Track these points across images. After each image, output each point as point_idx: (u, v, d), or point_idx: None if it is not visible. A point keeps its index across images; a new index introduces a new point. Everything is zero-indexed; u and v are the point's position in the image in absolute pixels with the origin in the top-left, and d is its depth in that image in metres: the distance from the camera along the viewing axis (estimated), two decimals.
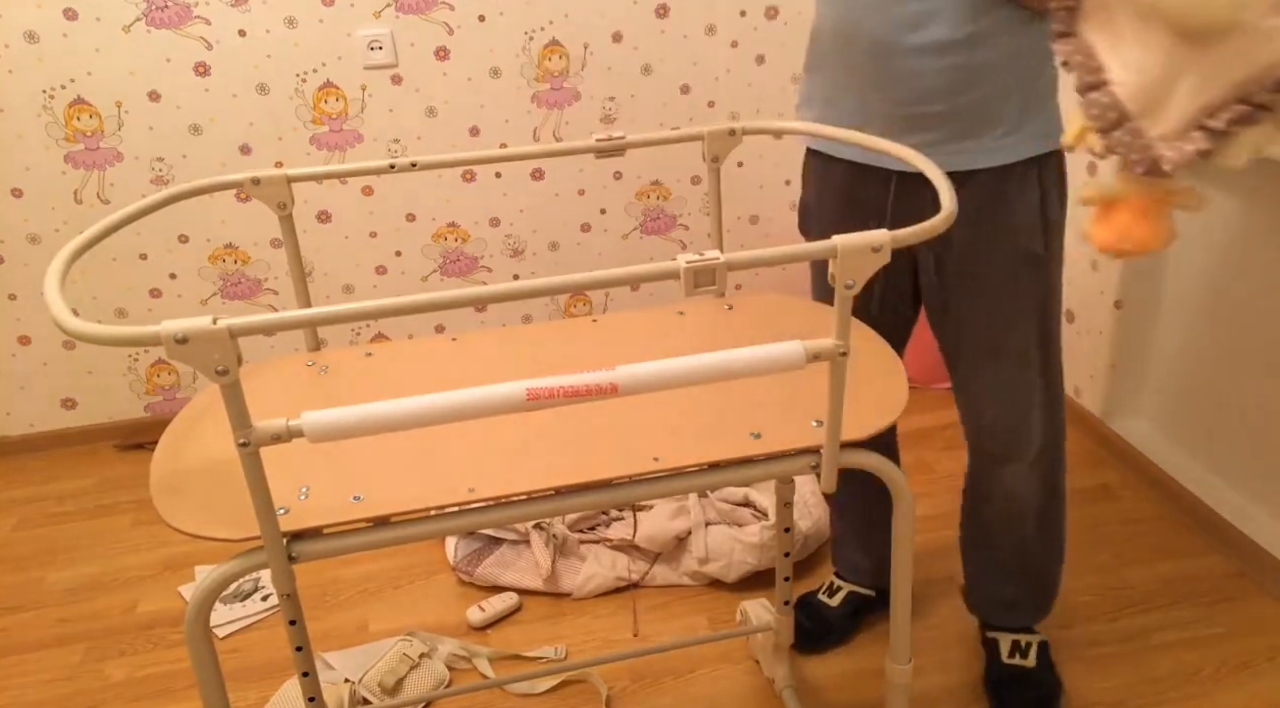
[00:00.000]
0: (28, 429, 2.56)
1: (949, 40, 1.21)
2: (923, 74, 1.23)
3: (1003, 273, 1.36)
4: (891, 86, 1.26)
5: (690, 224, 2.66)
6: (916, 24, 1.21)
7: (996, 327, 1.39)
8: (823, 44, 1.35)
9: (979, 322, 1.39)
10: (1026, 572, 1.58)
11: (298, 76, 2.32)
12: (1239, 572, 1.86)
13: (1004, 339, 1.39)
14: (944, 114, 1.26)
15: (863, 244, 0.88)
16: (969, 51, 1.21)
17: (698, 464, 1.04)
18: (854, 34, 1.27)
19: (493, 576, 1.93)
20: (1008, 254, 1.34)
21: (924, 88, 1.24)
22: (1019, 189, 1.32)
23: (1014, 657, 1.62)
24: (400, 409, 0.83)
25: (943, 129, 1.27)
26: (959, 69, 1.22)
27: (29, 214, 2.34)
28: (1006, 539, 1.55)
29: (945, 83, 1.23)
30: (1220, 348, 1.95)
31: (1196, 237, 1.97)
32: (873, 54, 1.25)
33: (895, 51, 1.23)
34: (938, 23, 1.20)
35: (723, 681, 1.69)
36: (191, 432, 1.13)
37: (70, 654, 1.85)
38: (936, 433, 2.37)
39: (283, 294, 2.54)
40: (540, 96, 2.44)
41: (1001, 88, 1.25)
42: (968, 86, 1.24)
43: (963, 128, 1.27)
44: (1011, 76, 1.25)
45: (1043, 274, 1.37)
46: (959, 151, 1.28)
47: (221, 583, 0.95)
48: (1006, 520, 1.53)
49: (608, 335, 1.31)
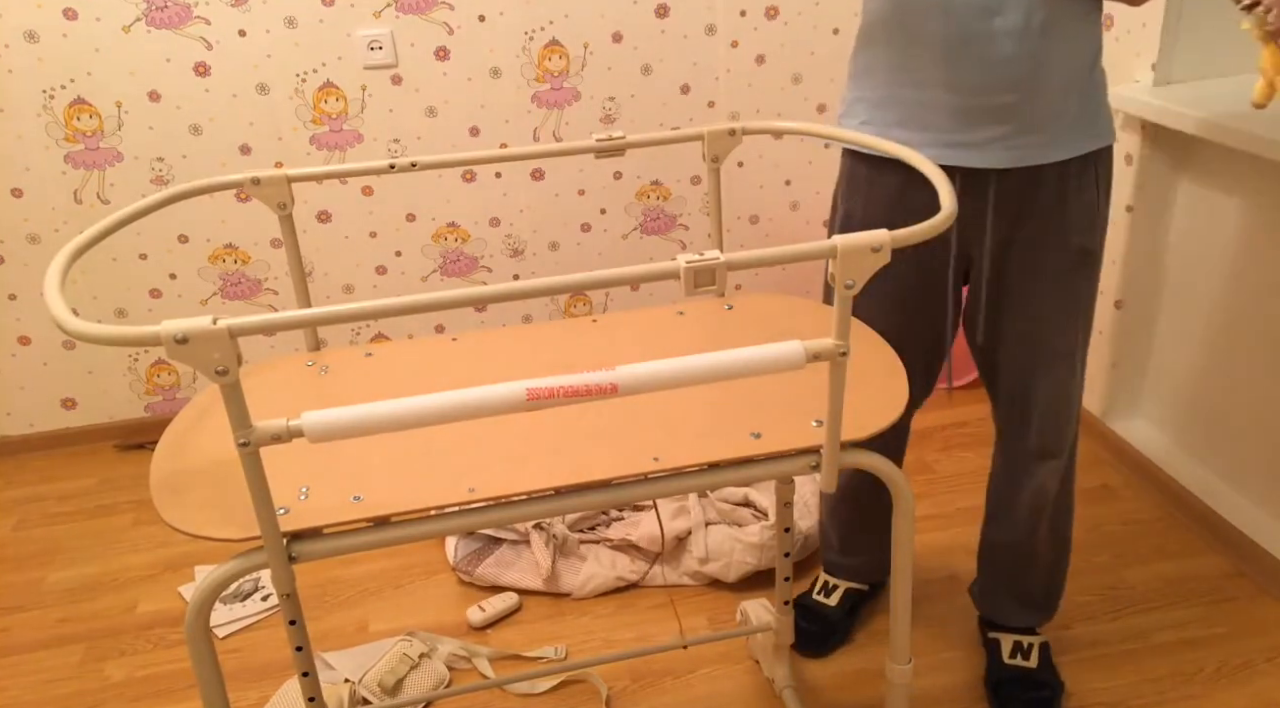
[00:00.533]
0: (28, 429, 2.56)
1: (1024, 27, 1.20)
2: (999, 61, 1.21)
3: (1061, 270, 1.35)
4: (966, 75, 1.24)
5: (690, 224, 2.66)
6: (996, 9, 1.19)
7: (1054, 325, 1.39)
8: (875, 44, 1.32)
9: (1038, 319, 1.38)
10: (1041, 568, 1.59)
11: (298, 76, 2.32)
12: (1239, 572, 1.85)
13: (1060, 337, 1.40)
14: (1015, 106, 1.24)
15: (863, 244, 0.88)
16: (1041, 39, 1.21)
17: (698, 464, 1.04)
18: (921, 25, 1.24)
19: (493, 576, 1.93)
20: (1068, 250, 1.35)
21: (999, 76, 1.22)
22: (1078, 185, 1.31)
23: (1015, 657, 1.62)
24: (400, 409, 0.83)
25: (1013, 122, 1.26)
26: (1031, 57, 1.21)
27: (29, 214, 2.34)
28: (1030, 537, 1.56)
29: (1020, 72, 1.22)
30: (1220, 348, 1.95)
31: (1197, 236, 1.98)
32: (946, 42, 1.22)
33: (973, 38, 1.21)
34: (1015, 8, 1.19)
35: (723, 681, 1.69)
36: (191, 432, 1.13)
37: (70, 654, 1.85)
38: (936, 433, 2.37)
39: (283, 294, 2.54)
40: (540, 96, 2.44)
41: (1065, 80, 1.25)
42: (1037, 76, 1.23)
43: (1031, 121, 1.26)
44: (1074, 69, 1.25)
45: (1095, 271, 1.39)
46: (1028, 146, 1.27)
47: (221, 583, 0.95)
48: (1032, 518, 1.54)
49: (608, 335, 1.31)
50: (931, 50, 1.24)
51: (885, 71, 1.32)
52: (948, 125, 1.28)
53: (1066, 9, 1.21)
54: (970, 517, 2.06)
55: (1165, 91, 1.88)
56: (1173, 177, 2.00)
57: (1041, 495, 1.52)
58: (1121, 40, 1.99)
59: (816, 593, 1.79)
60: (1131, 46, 1.97)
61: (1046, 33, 1.20)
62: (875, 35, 1.32)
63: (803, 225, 2.70)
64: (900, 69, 1.29)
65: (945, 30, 1.22)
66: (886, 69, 1.31)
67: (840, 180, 1.46)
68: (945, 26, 1.22)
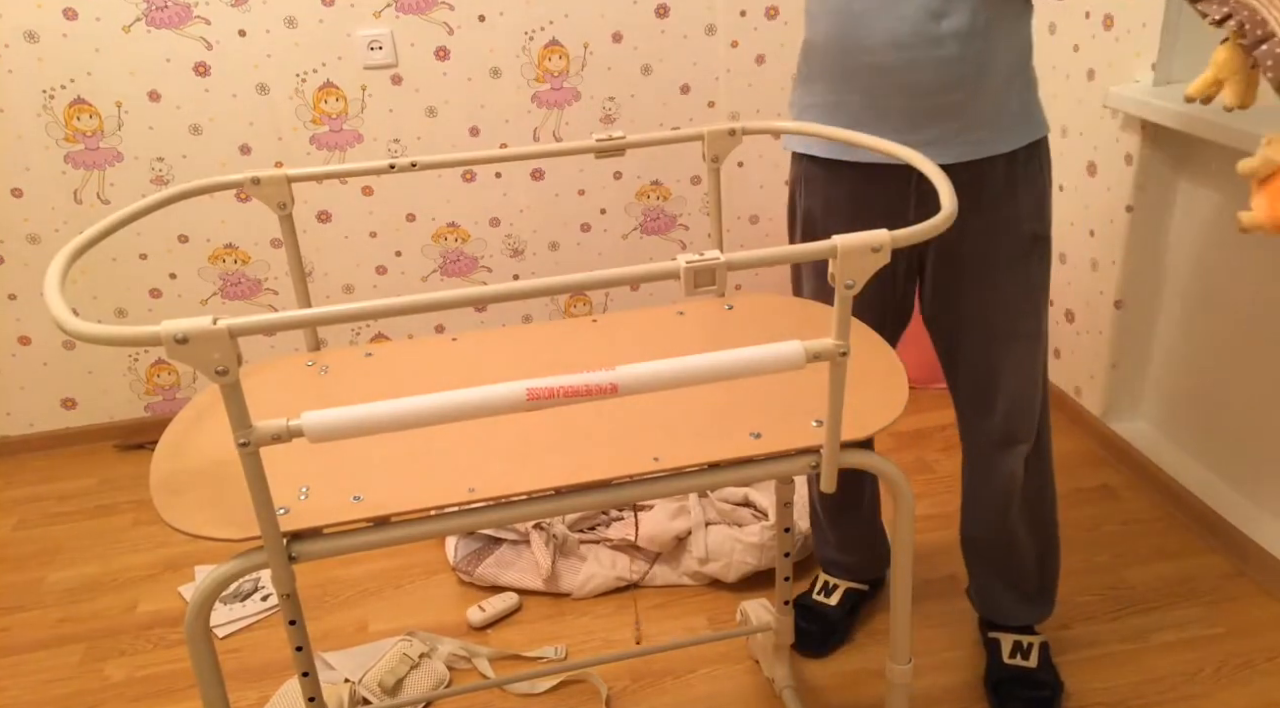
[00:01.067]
0: (28, 429, 2.56)
1: (970, 28, 1.25)
2: (947, 61, 1.26)
3: (1015, 256, 1.39)
4: (916, 76, 1.28)
5: (690, 224, 2.66)
6: (942, 13, 1.24)
7: (1012, 310, 1.42)
8: (818, 53, 1.35)
9: (995, 306, 1.42)
10: (1027, 559, 1.59)
11: (298, 76, 2.32)
12: (1239, 572, 1.86)
13: (1018, 322, 1.43)
14: (962, 103, 1.29)
15: (863, 244, 0.88)
16: (984, 40, 1.26)
17: (698, 464, 1.04)
18: (863, 32, 1.27)
19: (493, 576, 1.93)
20: (1019, 237, 1.39)
21: (947, 75, 1.27)
22: (1025, 173, 1.36)
23: (1015, 657, 1.62)
24: (400, 409, 0.82)
25: (961, 119, 1.30)
26: (977, 56, 1.27)
27: (29, 214, 2.34)
28: (1007, 526, 1.56)
29: (966, 70, 1.27)
30: (1220, 348, 1.95)
31: (1197, 237, 1.98)
32: (893, 47, 1.26)
33: (920, 41, 1.25)
34: (960, 11, 1.24)
35: (723, 681, 1.69)
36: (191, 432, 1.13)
37: (70, 654, 1.85)
38: (936, 433, 2.37)
39: (283, 294, 2.54)
40: (540, 96, 2.44)
41: (1006, 77, 1.30)
42: (981, 74, 1.28)
43: (978, 117, 1.31)
44: (1012, 65, 1.31)
45: (1046, 254, 1.43)
46: (979, 141, 1.32)
47: (221, 583, 0.95)
48: (1007, 506, 1.55)
49: (608, 335, 1.31)
50: (883, 54, 1.28)
51: (831, 78, 1.34)
52: (899, 125, 1.32)
53: (1004, 9, 1.27)
54: None
55: (1165, 91, 1.88)
56: (1173, 177, 2.00)
57: (1011, 483, 1.53)
58: (1121, 40, 1.99)
59: (816, 593, 1.79)
60: (1131, 46, 1.97)
61: (988, 33, 1.26)
62: (817, 46, 1.35)
63: None
64: (851, 73, 1.32)
65: (896, 33, 1.26)
66: (833, 76, 1.34)
67: (795, 181, 1.49)
68: (896, 30, 1.26)
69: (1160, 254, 2.08)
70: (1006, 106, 1.32)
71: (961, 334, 1.46)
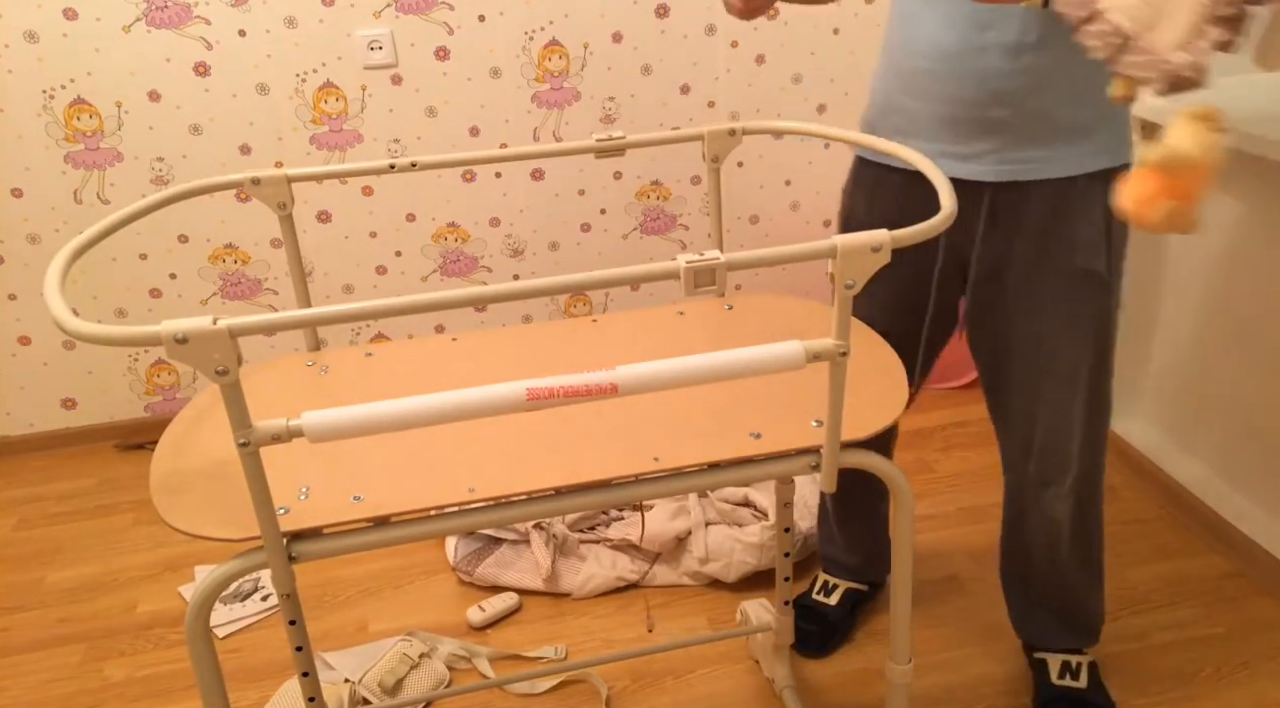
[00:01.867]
0: (28, 429, 2.56)
1: (1018, 42, 1.18)
2: (992, 75, 1.21)
3: (1061, 290, 1.31)
4: (959, 88, 1.23)
5: (690, 224, 2.66)
6: (988, 24, 1.19)
7: (1049, 346, 1.35)
8: (883, 54, 1.34)
9: (1032, 340, 1.35)
10: (1066, 599, 1.55)
11: (298, 76, 2.32)
12: (1239, 572, 1.85)
13: (1054, 360, 1.35)
14: (1006, 121, 1.23)
15: (862, 244, 0.88)
16: (1037, 55, 1.19)
17: (698, 464, 1.04)
18: (916, 35, 1.25)
19: (493, 576, 1.93)
20: (1067, 271, 1.30)
21: (991, 90, 1.21)
22: (1083, 204, 1.27)
23: (1065, 678, 1.57)
24: (400, 409, 0.83)
25: (1004, 136, 1.24)
26: (1030, 72, 1.20)
27: (29, 214, 2.34)
28: (1044, 565, 1.52)
29: (1013, 86, 1.21)
30: (1220, 348, 1.95)
31: (1197, 237, 1.97)
32: (940, 55, 1.23)
33: (965, 50, 1.21)
34: (1008, 23, 1.18)
35: (723, 681, 1.69)
36: (191, 432, 1.13)
37: (70, 654, 1.85)
38: (937, 433, 2.37)
39: (283, 294, 2.54)
40: (540, 96, 2.44)
41: (1070, 95, 1.22)
42: (1037, 91, 1.21)
43: (1026, 137, 1.24)
44: (1082, 84, 1.21)
45: (1102, 295, 1.33)
46: (1025, 160, 1.25)
47: (221, 583, 0.95)
48: (1044, 546, 1.50)
49: (608, 335, 1.31)
50: (929, 61, 1.25)
51: (890, 78, 1.33)
52: (941, 136, 1.28)
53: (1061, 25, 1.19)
54: (970, 517, 2.06)
55: None
56: None
57: (1051, 525, 1.47)
58: None
59: (816, 593, 1.79)
60: None
61: (1040, 49, 1.18)
62: (886, 43, 1.34)
63: (803, 225, 2.70)
64: (902, 77, 1.30)
65: (943, 41, 1.23)
66: (893, 78, 1.33)
67: (849, 179, 1.47)
68: (944, 38, 1.22)
69: (1160, 254, 2.08)
70: (1066, 129, 1.23)
71: (1000, 363, 1.41)
